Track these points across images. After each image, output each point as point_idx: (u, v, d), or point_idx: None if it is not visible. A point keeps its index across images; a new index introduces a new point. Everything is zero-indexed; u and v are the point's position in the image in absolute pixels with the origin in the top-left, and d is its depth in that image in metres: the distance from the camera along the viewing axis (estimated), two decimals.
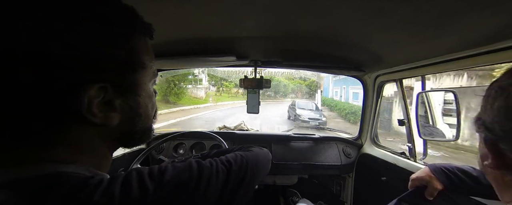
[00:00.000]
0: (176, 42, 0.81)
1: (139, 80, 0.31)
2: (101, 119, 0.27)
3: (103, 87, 0.26)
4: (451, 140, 0.96)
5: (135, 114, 0.31)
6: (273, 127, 8.11)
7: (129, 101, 0.30)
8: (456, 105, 0.89)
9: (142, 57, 0.31)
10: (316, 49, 0.89)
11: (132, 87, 0.30)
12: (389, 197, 0.67)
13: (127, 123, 0.31)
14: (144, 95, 0.32)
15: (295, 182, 1.57)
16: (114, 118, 0.28)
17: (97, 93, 0.26)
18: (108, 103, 0.27)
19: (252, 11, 0.55)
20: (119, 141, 0.32)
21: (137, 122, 0.32)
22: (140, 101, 0.32)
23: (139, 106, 0.32)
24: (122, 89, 0.29)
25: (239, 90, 22.00)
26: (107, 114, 0.28)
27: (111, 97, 0.27)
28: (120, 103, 0.29)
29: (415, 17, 0.52)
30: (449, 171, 0.63)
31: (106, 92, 0.27)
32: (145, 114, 0.33)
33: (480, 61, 0.68)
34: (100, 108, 0.27)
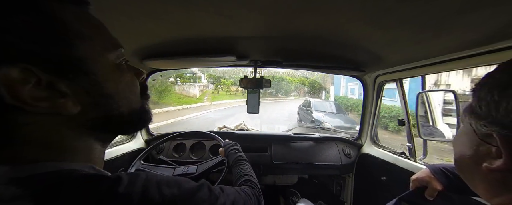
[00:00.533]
0: (176, 42, 0.81)
1: (84, 55, 0.26)
2: (47, 108, 0.24)
3: (26, 68, 0.22)
4: (451, 140, 0.96)
5: (100, 96, 0.27)
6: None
7: (80, 82, 0.26)
8: (456, 105, 0.89)
9: (77, 28, 0.26)
10: (316, 49, 0.89)
11: (74, 64, 0.25)
12: (389, 197, 0.67)
13: (93, 108, 0.27)
14: (102, 72, 0.27)
15: (295, 182, 1.57)
16: (68, 104, 0.25)
17: (21, 76, 0.22)
18: (51, 88, 0.24)
19: (252, 11, 0.55)
20: (100, 129, 0.29)
21: (109, 105, 0.28)
22: (99, 79, 0.27)
23: (101, 87, 0.27)
24: (60, 69, 0.24)
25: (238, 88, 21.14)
26: (54, 100, 0.24)
27: (49, 80, 0.24)
28: (68, 86, 0.25)
29: (415, 17, 0.52)
30: (449, 171, 0.63)
31: (37, 75, 0.22)
32: (117, 94, 0.29)
33: (480, 61, 0.68)
34: (38, 94, 0.23)
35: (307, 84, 22.62)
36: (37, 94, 0.23)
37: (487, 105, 0.27)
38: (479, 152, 0.30)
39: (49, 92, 0.24)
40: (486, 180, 0.30)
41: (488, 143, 0.28)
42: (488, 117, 0.27)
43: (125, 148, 1.27)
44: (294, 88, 23.57)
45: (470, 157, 0.32)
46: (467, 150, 0.32)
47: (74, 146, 0.27)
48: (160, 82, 12.05)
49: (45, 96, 0.23)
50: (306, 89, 22.90)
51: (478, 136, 0.30)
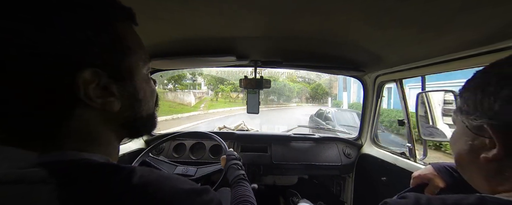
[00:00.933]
0: (176, 42, 0.81)
1: (130, 65, 0.31)
2: (100, 104, 0.28)
3: (95, 71, 0.27)
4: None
5: (135, 100, 0.33)
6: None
7: (126, 86, 0.31)
8: (456, 105, 0.89)
9: (128, 42, 0.31)
10: (316, 49, 0.89)
11: (124, 72, 0.31)
12: (389, 197, 0.67)
13: (128, 109, 0.32)
14: (139, 80, 0.33)
15: (295, 183, 1.57)
16: (114, 103, 0.30)
17: (91, 77, 0.26)
18: (105, 89, 0.29)
19: (252, 11, 0.55)
20: (125, 128, 0.34)
21: (138, 108, 0.34)
22: (138, 86, 0.33)
23: (137, 92, 0.33)
24: (115, 75, 0.29)
25: (239, 95, 19.73)
26: (105, 99, 0.29)
27: (106, 82, 0.28)
28: (117, 89, 0.30)
29: (415, 17, 0.52)
30: (453, 170, 0.63)
31: (100, 77, 0.27)
32: (144, 100, 0.35)
33: (480, 61, 0.68)
34: (97, 93, 0.28)
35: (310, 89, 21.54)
36: (97, 92, 0.28)
37: (473, 103, 0.32)
38: (475, 146, 0.34)
39: (104, 92, 0.29)
40: (485, 172, 0.34)
41: (481, 135, 0.32)
42: (476, 112, 0.32)
43: (125, 149, 1.27)
44: (296, 94, 22.53)
45: (468, 152, 0.35)
46: (464, 146, 0.36)
47: (100, 138, 0.31)
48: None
49: (101, 94, 0.28)
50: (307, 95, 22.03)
51: (472, 131, 0.34)
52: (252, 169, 1.38)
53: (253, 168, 1.38)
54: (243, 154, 1.42)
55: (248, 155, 1.42)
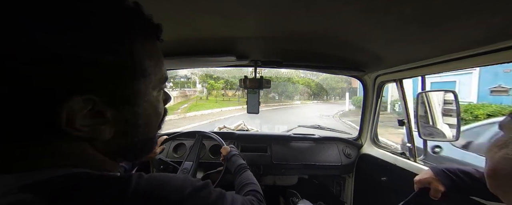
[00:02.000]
0: (176, 42, 0.81)
1: (139, 89, 0.27)
2: (87, 133, 0.24)
3: (88, 99, 0.23)
4: (451, 141, 0.96)
5: (133, 126, 0.28)
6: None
7: (124, 112, 0.26)
8: (456, 105, 0.89)
9: (143, 63, 0.27)
10: (316, 49, 0.89)
11: (128, 97, 0.26)
12: (389, 197, 0.67)
13: (123, 136, 0.28)
14: (145, 105, 0.28)
15: (295, 183, 1.57)
16: (105, 131, 0.25)
17: (81, 105, 0.22)
18: (98, 115, 0.24)
19: (252, 11, 0.55)
20: (118, 154, 0.30)
21: (135, 134, 0.29)
22: (140, 111, 0.28)
23: (138, 118, 0.28)
24: (115, 100, 0.25)
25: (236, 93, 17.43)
26: (95, 127, 0.25)
27: (101, 109, 0.24)
28: (113, 115, 0.25)
29: (415, 17, 0.52)
30: (450, 172, 0.63)
31: (94, 104, 0.23)
32: (146, 125, 0.30)
33: (480, 61, 0.68)
34: (86, 121, 0.23)
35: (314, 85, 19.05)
36: (86, 121, 0.23)
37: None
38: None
39: (95, 119, 0.24)
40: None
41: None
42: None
43: None
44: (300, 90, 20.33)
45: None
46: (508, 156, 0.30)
47: (89, 160, 0.27)
48: None
49: (91, 122, 0.24)
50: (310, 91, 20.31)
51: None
52: (252, 169, 1.37)
53: (253, 168, 1.38)
54: (243, 154, 1.42)
55: (248, 155, 1.42)
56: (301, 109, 14.43)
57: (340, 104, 18.36)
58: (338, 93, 21.72)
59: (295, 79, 17.91)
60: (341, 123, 8.21)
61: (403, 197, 0.70)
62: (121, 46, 0.24)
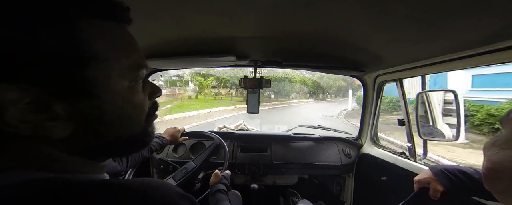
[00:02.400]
0: (176, 42, 0.81)
1: (95, 78, 0.23)
2: (29, 130, 0.21)
3: (24, 89, 0.19)
4: (451, 140, 0.96)
5: (97, 122, 0.24)
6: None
7: (80, 106, 0.23)
8: (456, 105, 0.89)
9: (95, 47, 0.23)
10: (316, 49, 0.89)
11: (81, 87, 0.22)
12: (389, 197, 0.67)
13: (89, 133, 0.24)
14: (109, 97, 0.24)
15: (295, 182, 1.57)
16: (57, 128, 0.22)
17: (15, 96, 0.19)
18: (44, 110, 0.21)
19: (252, 11, 0.55)
20: (94, 152, 0.26)
21: (107, 132, 0.25)
22: (103, 105, 0.24)
23: (103, 112, 0.24)
24: (64, 91, 0.21)
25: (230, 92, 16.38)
26: (40, 123, 0.21)
27: (46, 101, 0.21)
28: (65, 109, 0.22)
29: (415, 17, 0.52)
30: (449, 172, 0.63)
31: (33, 95, 0.20)
32: (119, 120, 0.26)
33: (480, 61, 0.68)
34: (27, 116, 0.20)
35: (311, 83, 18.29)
36: (25, 115, 0.20)
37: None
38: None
39: (39, 115, 0.21)
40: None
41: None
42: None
43: None
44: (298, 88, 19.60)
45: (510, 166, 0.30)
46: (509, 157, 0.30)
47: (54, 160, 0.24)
48: None
49: (33, 118, 0.20)
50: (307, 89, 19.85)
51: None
52: (252, 169, 1.38)
53: (253, 168, 1.38)
54: (243, 154, 1.42)
55: (248, 155, 1.42)
56: (299, 108, 13.58)
57: (339, 103, 17.88)
58: (334, 92, 21.35)
59: (292, 77, 16.99)
60: (350, 125, 7.58)
61: (403, 197, 0.70)
62: (57, 25, 0.20)
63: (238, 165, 1.38)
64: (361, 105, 1.41)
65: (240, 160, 1.40)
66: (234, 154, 1.42)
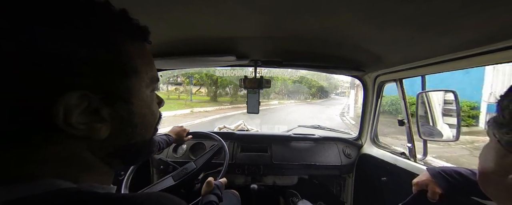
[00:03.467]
0: (176, 42, 0.81)
1: (131, 87, 0.28)
2: (83, 131, 0.24)
3: (84, 95, 0.23)
4: (451, 140, 0.96)
5: (128, 125, 0.29)
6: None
7: (119, 110, 0.27)
8: (456, 105, 0.89)
9: (134, 62, 0.28)
10: (316, 49, 0.89)
11: (122, 94, 0.27)
12: (389, 197, 0.67)
13: (119, 136, 0.28)
14: (138, 103, 0.29)
15: (295, 183, 1.57)
16: (102, 129, 0.26)
17: (77, 101, 0.23)
18: (94, 113, 0.25)
19: (252, 11, 0.55)
20: (115, 156, 0.30)
21: (131, 134, 0.30)
22: (134, 110, 0.29)
23: (133, 116, 0.29)
24: (109, 97, 0.26)
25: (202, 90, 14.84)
26: (91, 125, 0.25)
27: (97, 106, 0.25)
28: (108, 112, 0.26)
29: (415, 17, 0.52)
30: (447, 174, 0.63)
31: (90, 100, 0.24)
32: (142, 125, 0.30)
33: (480, 61, 0.68)
34: (83, 118, 0.24)
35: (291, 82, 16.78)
36: (82, 118, 0.24)
37: (510, 113, 0.27)
38: (505, 163, 0.29)
39: (91, 117, 0.25)
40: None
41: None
42: (511, 125, 0.27)
43: None
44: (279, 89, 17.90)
45: (495, 170, 0.31)
46: (492, 163, 0.31)
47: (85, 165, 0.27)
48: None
49: (87, 120, 0.24)
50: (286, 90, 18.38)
51: (503, 146, 0.29)
52: (252, 169, 1.38)
53: (253, 168, 1.38)
54: (243, 154, 1.42)
55: (248, 155, 1.42)
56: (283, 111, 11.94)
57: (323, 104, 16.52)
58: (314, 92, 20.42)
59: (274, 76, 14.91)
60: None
61: (403, 197, 0.70)
62: (112, 45, 0.26)
63: (238, 166, 1.38)
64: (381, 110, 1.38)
65: (240, 161, 1.39)
66: (234, 154, 1.41)
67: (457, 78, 6.49)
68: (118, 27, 0.27)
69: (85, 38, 0.24)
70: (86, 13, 0.24)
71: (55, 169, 0.25)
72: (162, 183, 1.07)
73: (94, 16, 0.25)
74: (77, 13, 0.23)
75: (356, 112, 10.31)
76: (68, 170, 0.26)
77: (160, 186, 1.05)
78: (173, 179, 1.07)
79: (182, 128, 1.18)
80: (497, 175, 0.31)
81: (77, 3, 0.24)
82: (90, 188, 0.26)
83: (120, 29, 0.27)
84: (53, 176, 0.24)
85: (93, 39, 0.24)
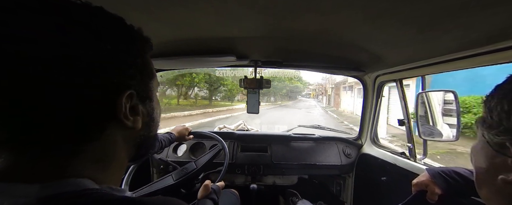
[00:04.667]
0: (176, 42, 0.81)
1: (152, 88, 0.36)
2: (131, 123, 0.31)
3: (132, 93, 0.30)
4: (451, 140, 0.96)
5: (151, 119, 0.36)
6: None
7: (146, 106, 0.34)
8: (456, 105, 0.89)
9: (152, 68, 0.36)
10: (316, 49, 0.89)
11: (148, 93, 0.34)
12: (389, 197, 0.67)
13: (144, 128, 0.34)
14: (155, 101, 0.37)
15: (295, 182, 1.57)
16: (139, 122, 0.32)
17: (127, 99, 0.29)
18: (133, 108, 0.31)
19: (252, 11, 0.55)
20: (136, 147, 0.36)
21: (151, 127, 0.37)
22: (154, 106, 0.36)
23: (153, 111, 0.36)
24: (142, 96, 0.33)
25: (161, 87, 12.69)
26: (135, 117, 0.31)
27: (136, 103, 0.31)
28: (141, 108, 0.33)
29: (415, 17, 0.52)
30: (446, 174, 0.63)
31: (132, 98, 0.30)
32: (156, 119, 0.38)
33: (480, 61, 0.68)
34: (130, 112, 0.30)
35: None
36: (130, 112, 0.30)
37: (498, 115, 0.27)
38: (495, 164, 0.29)
39: (132, 112, 0.31)
40: (504, 195, 0.29)
41: (503, 154, 0.28)
42: (500, 126, 0.27)
43: None
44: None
45: (486, 170, 0.31)
46: (483, 163, 0.32)
47: (114, 161, 0.32)
48: None
49: (131, 114, 0.31)
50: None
51: (492, 147, 0.29)
52: (252, 169, 1.38)
53: (253, 168, 1.38)
54: (243, 154, 1.42)
55: (248, 155, 1.42)
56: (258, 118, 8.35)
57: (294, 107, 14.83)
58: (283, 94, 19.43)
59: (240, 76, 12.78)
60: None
61: (402, 197, 0.70)
62: (142, 54, 0.33)
63: (238, 165, 1.38)
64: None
65: (240, 160, 1.40)
66: (234, 154, 1.42)
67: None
68: (145, 41, 0.34)
69: (131, 51, 0.30)
70: (130, 32, 0.31)
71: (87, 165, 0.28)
72: (162, 181, 1.07)
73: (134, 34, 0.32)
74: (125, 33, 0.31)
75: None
76: (96, 169, 0.29)
77: (160, 185, 1.05)
78: (173, 178, 1.08)
79: (185, 127, 1.19)
80: (488, 176, 0.31)
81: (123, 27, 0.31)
82: (109, 190, 0.29)
83: (145, 42, 0.34)
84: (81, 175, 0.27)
85: (135, 51, 0.31)
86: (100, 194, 0.26)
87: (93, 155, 0.28)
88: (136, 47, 0.32)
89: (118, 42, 0.29)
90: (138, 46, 0.33)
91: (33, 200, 0.23)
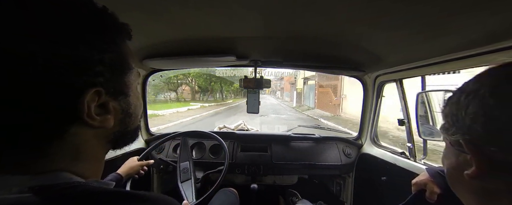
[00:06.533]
0: (176, 42, 0.81)
1: (128, 82, 0.32)
2: (99, 122, 0.28)
3: (98, 91, 0.27)
4: None
5: (126, 115, 0.33)
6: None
7: (121, 102, 0.31)
8: None
9: (128, 59, 0.32)
10: (316, 49, 0.89)
11: (122, 88, 0.31)
12: (389, 197, 0.67)
13: (119, 124, 0.32)
14: (132, 95, 0.34)
15: (295, 182, 1.57)
16: (110, 120, 0.30)
17: (93, 97, 0.27)
18: (103, 106, 0.29)
19: (252, 11, 0.55)
20: (112, 142, 0.34)
21: (128, 122, 0.34)
22: (130, 101, 0.33)
23: (130, 107, 0.33)
24: (114, 92, 0.30)
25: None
26: (103, 116, 0.29)
27: (106, 100, 0.29)
28: (113, 105, 0.30)
29: (415, 17, 0.52)
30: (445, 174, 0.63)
31: (100, 95, 0.27)
32: (134, 114, 0.35)
33: (480, 61, 0.68)
34: (97, 111, 0.28)
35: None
36: (97, 110, 0.28)
37: (451, 118, 0.32)
38: (459, 162, 0.33)
39: (102, 110, 0.29)
40: (472, 191, 0.32)
41: (462, 151, 0.31)
42: (453, 127, 0.32)
43: (125, 148, 1.26)
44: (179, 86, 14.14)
45: (453, 168, 0.35)
46: (450, 164, 0.35)
47: (89, 156, 0.31)
48: None
49: (99, 112, 0.28)
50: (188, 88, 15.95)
51: (454, 146, 0.33)
52: (252, 169, 1.38)
53: (253, 168, 1.38)
54: (243, 154, 1.42)
55: (248, 155, 1.42)
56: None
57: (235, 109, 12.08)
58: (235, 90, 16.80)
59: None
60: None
61: (402, 197, 0.70)
62: (114, 46, 0.29)
63: (238, 165, 1.38)
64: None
65: (240, 160, 1.40)
66: (234, 154, 1.42)
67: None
68: (118, 29, 0.30)
69: (97, 44, 0.27)
70: (97, 21, 0.27)
71: (65, 162, 0.27)
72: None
73: (103, 23, 0.28)
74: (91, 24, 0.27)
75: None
76: (75, 163, 0.28)
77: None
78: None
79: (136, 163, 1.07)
80: (455, 174, 0.34)
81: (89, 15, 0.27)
82: (97, 184, 0.29)
83: (119, 31, 0.30)
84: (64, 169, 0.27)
85: (104, 43, 0.28)
86: (91, 187, 0.27)
87: (67, 153, 0.27)
88: (106, 38, 0.28)
89: (76, 33, 0.25)
90: (109, 36, 0.29)
91: (25, 189, 0.23)
